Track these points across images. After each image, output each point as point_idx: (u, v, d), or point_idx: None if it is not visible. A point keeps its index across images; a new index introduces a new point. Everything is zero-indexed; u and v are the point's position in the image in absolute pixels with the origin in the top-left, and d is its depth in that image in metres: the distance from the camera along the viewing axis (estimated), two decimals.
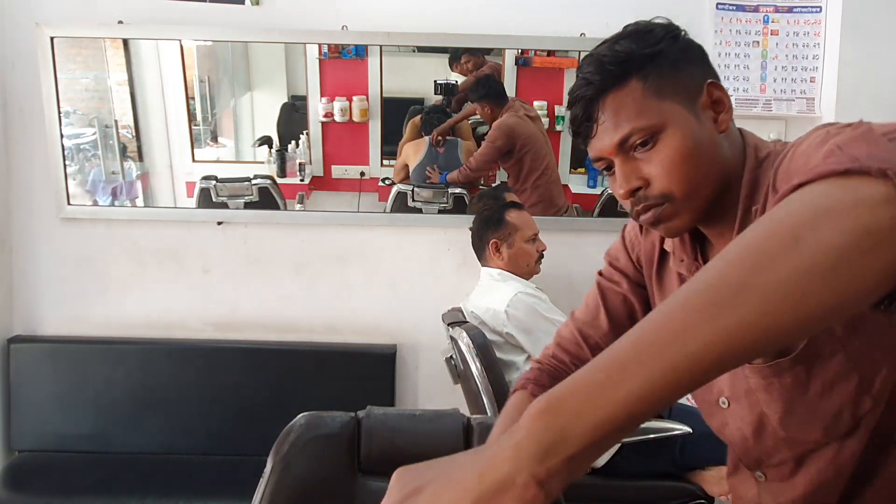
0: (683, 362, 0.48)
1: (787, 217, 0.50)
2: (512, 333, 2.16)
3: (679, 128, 0.87)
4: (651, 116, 0.86)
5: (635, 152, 0.88)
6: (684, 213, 0.88)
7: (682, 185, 0.87)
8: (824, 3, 2.40)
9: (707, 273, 0.51)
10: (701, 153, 0.87)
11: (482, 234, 2.32)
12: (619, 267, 1.12)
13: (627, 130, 0.87)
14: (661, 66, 0.88)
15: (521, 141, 2.65)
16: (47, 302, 2.62)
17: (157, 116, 2.78)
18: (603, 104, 0.88)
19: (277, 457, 1.22)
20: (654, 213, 0.89)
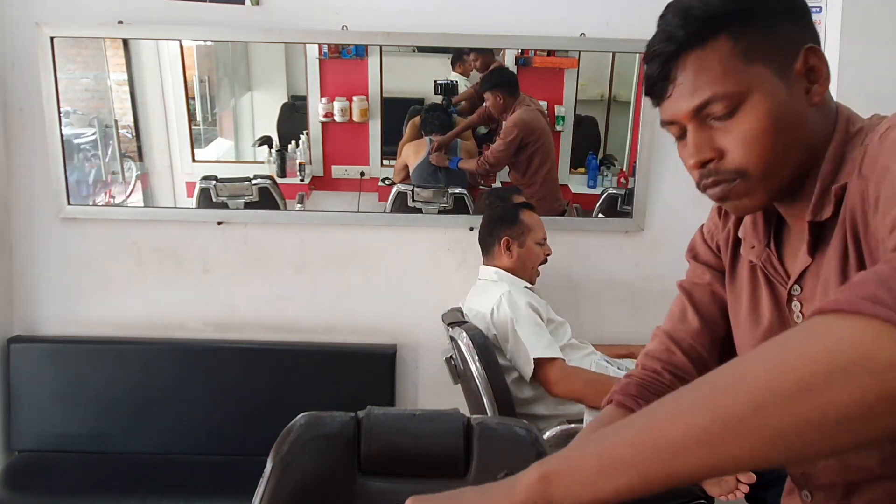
0: (672, 475, 0.52)
1: (808, 357, 0.48)
2: (497, 335, 2.17)
3: (765, 97, 0.77)
4: (735, 82, 0.77)
5: (712, 120, 0.79)
6: (758, 191, 0.80)
7: (760, 161, 0.78)
8: (824, 3, 2.40)
9: (712, 391, 0.52)
10: (785, 128, 0.78)
11: (493, 229, 2.32)
12: (701, 260, 1.03)
13: (707, 96, 0.77)
14: (756, 24, 0.77)
15: (535, 135, 2.65)
16: (47, 302, 2.62)
17: (157, 116, 2.78)
18: (683, 63, 0.78)
19: (277, 457, 1.22)
20: (724, 189, 0.80)
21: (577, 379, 2.09)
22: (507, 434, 1.28)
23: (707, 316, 1.01)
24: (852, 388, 0.46)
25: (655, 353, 1.03)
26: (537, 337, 2.11)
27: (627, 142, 2.73)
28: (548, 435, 2.05)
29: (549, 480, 0.57)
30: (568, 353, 2.26)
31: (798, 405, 0.47)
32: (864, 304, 0.48)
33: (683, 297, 1.04)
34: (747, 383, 0.49)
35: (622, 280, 2.64)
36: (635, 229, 2.60)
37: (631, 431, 0.55)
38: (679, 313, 1.03)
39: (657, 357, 1.03)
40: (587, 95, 2.74)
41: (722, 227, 0.99)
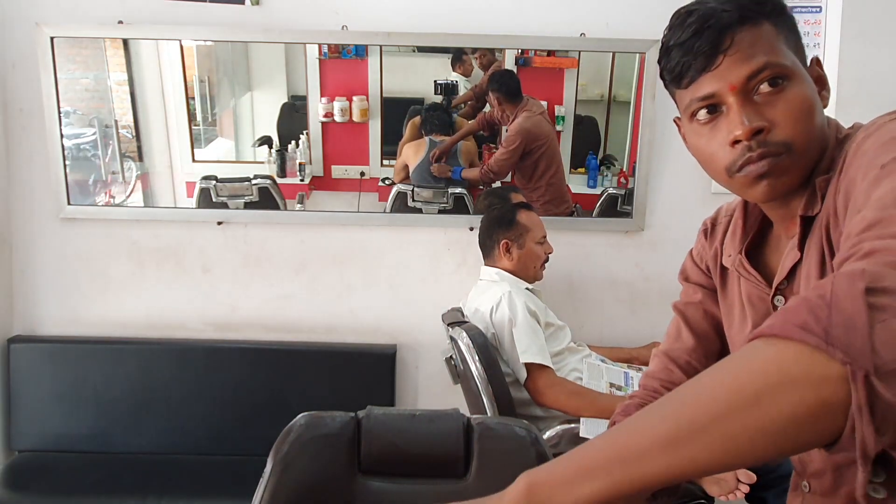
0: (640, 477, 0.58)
1: (754, 375, 0.56)
2: (495, 334, 2.18)
3: (805, 80, 0.84)
4: (786, 58, 0.82)
5: (757, 95, 0.82)
6: (797, 169, 0.83)
7: (805, 136, 0.82)
8: (824, 3, 2.40)
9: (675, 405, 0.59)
10: (817, 113, 0.84)
11: (492, 232, 2.32)
12: (692, 280, 1.09)
13: (763, 62, 0.81)
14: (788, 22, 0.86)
15: (539, 141, 2.65)
16: (47, 302, 2.62)
17: (157, 116, 2.78)
18: (737, 34, 0.82)
19: (277, 457, 1.22)
20: (771, 163, 0.82)
21: (562, 390, 2.10)
22: (507, 434, 1.28)
23: (700, 333, 1.07)
24: (787, 403, 0.54)
25: (655, 373, 1.09)
26: (530, 340, 2.12)
27: (627, 142, 2.73)
28: (548, 435, 2.05)
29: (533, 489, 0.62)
30: (566, 357, 2.26)
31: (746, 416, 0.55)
32: (795, 330, 0.55)
33: (678, 317, 1.10)
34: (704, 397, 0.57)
35: (622, 280, 2.64)
36: (635, 229, 2.60)
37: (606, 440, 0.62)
38: (675, 333, 1.10)
39: (656, 377, 1.08)
40: (587, 95, 2.74)
41: (709, 246, 1.05)
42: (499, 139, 2.74)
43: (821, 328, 0.54)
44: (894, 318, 0.54)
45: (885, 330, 0.53)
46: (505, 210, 2.34)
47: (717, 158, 0.85)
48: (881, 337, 0.53)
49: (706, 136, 0.86)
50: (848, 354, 0.53)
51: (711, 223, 1.06)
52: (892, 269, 0.57)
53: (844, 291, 0.56)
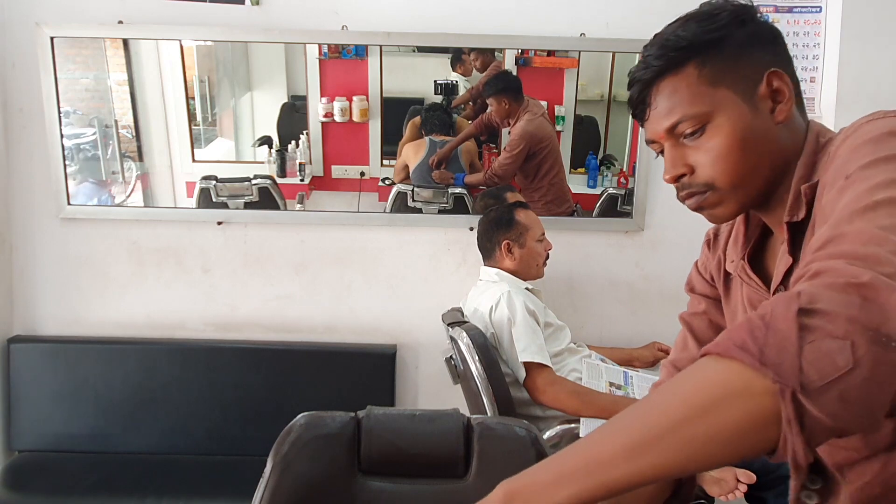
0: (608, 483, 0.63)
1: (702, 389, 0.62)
2: (494, 334, 2.18)
3: (729, 118, 0.86)
4: (702, 104, 0.86)
5: (684, 139, 0.88)
6: (728, 201, 0.89)
7: (727, 176, 0.87)
8: (824, 3, 2.40)
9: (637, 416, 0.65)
10: (750, 145, 0.86)
11: (492, 234, 2.32)
12: (698, 291, 1.12)
13: (677, 118, 0.87)
14: (722, 52, 0.87)
15: (542, 144, 2.65)
16: (47, 302, 2.62)
17: (157, 116, 2.78)
18: (657, 88, 0.89)
19: (277, 457, 1.22)
20: (697, 201, 0.90)
21: (562, 389, 2.10)
22: (507, 434, 1.28)
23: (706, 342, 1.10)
24: (731, 414, 0.60)
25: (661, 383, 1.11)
26: (529, 339, 2.12)
27: (627, 142, 2.73)
28: (548, 435, 2.05)
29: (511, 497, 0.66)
30: (566, 357, 2.26)
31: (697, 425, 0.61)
32: (735, 350, 0.61)
33: (684, 328, 1.13)
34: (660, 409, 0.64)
35: (622, 280, 2.64)
36: (635, 229, 2.60)
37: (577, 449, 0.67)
38: (681, 343, 1.13)
39: None
40: (587, 95, 2.74)
41: (712, 256, 1.08)
42: (499, 139, 2.74)
43: (757, 348, 0.60)
44: (823, 339, 0.58)
45: (812, 350, 0.58)
46: (502, 211, 2.34)
47: None
48: (808, 357, 0.58)
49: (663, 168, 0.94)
50: (778, 373, 0.58)
51: (714, 234, 1.09)
52: (828, 291, 0.61)
53: (781, 313, 0.61)
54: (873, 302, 0.59)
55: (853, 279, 0.60)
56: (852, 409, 0.58)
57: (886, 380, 0.58)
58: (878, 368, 0.57)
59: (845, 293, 0.60)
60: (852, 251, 0.64)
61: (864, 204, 0.68)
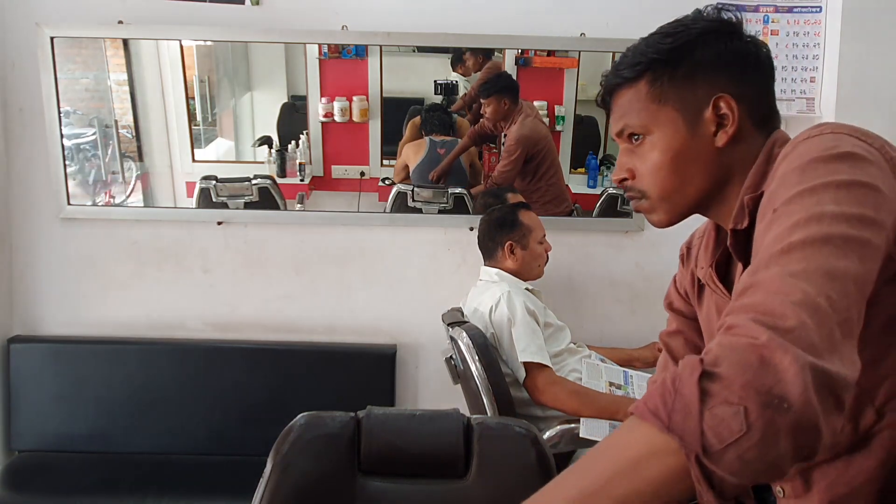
0: None
1: (628, 449, 0.69)
2: (494, 334, 2.18)
3: (664, 136, 0.92)
4: (644, 118, 0.92)
5: (633, 146, 0.95)
6: (659, 210, 0.96)
7: (657, 188, 0.94)
8: (824, 3, 2.40)
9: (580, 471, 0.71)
10: (682, 164, 0.92)
11: (495, 235, 2.32)
12: (675, 308, 1.16)
13: (620, 126, 0.95)
14: (675, 71, 0.91)
15: (539, 146, 2.65)
16: (47, 302, 2.62)
17: (157, 116, 2.78)
18: (615, 97, 0.96)
19: (277, 457, 1.22)
20: (635, 204, 0.98)
21: (562, 389, 2.10)
22: (507, 434, 1.28)
23: None
24: (656, 469, 0.66)
25: None
26: (529, 339, 2.12)
27: None
28: (548, 435, 2.05)
29: None
30: (566, 358, 2.26)
31: (628, 479, 0.66)
32: (648, 415, 0.67)
33: (663, 350, 1.17)
34: (595, 468, 0.69)
35: (622, 280, 2.64)
36: (635, 229, 2.60)
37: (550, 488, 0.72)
38: (662, 364, 1.17)
39: None
40: (587, 95, 2.74)
41: (686, 271, 1.12)
42: (498, 140, 2.74)
43: (665, 413, 0.66)
44: (720, 404, 0.63)
45: (711, 416, 0.63)
46: (505, 211, 2.34)
47: None
48: (708, 422, 0.63)
49: None
50: (683, 438, 0.64)
51: (686, 248, 1.13)
52: (730, 352, 0.65)
53: (686, 378, 0.66)
54: (768, 364, 0.63)
55: (753, 340, 0.65)
56: (753, 467, 0.63)
57: (780, 439, 0.62)
58: (769, 430, 0.62)
59: (744, 354, 0.65)
60: (761, 304, 0.68)
61: (780, 247, 0.71)
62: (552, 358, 2.17)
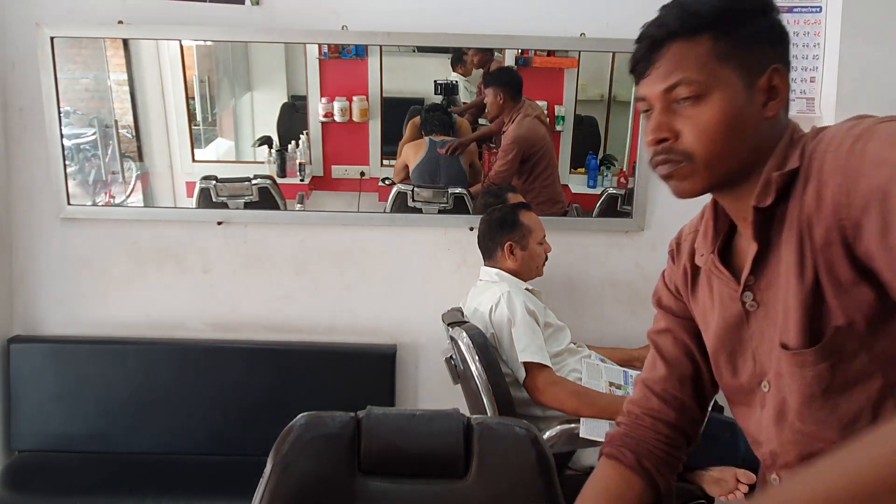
0: None
1: None
2: (494, 334, 2.18)
3: (725, 96, 0.87)
4: (705, 75, 0.87)
5: (677, 105, 0.89)
6: (699, 176, 0.90)
7: (707, 151, 0.88)
8: (824, 3, 2.40)
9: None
10: (736, 128, 0.88)
11: (495, 235, 2.32)
12: (664, 305, 1.15)
13: (677, 79, 0.87)
14: (739, 32, 0.88)
15: (536, 146, 2.65)
16: (47, 302, 2.62)
17: (157, 116, 2.78)
18: (667, 49, 0.89)
19: (277, 457, 1.22)
20: (670, 168, 0.90)
21: (562, 389, 2.10)
22: (507, 434, 1.28)
23: (671, 360, 1.13)
24: None
25: (636, 400, 1.16)
26: (529, 339, 2.12)
27: (627, 142, 2.73)
28: (548, 435, 2.05)
29: None
30: (566, 358, 2.26)
31: None
32: None
33: (652, 347, 1.16)
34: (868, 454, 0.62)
35: (622, 280, 2.64)
36: (635, 229, 2.60)
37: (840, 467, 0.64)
38: (651, 362, 1.16)
39: (637, 404, 1.15)
40: (587, 95, 2.74)
41: (677, 268, 1.11)
42: (496, 139, 2.74)
43: None
44: None
45: None
46: (506, 212, 2.34)
47: (648, 150, 0.93)
48: None
49: (644, 128, 0.95)
50: None
51: (676, 244, 1.12)
52: None
53: None
54: None
55: None
56: None
57: None
58: None
59: None
60: None
61: None
62: (552, 358, 2.17)
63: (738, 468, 1.95)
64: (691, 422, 1.13)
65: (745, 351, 0.99)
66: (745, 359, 0.99)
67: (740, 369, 1.01)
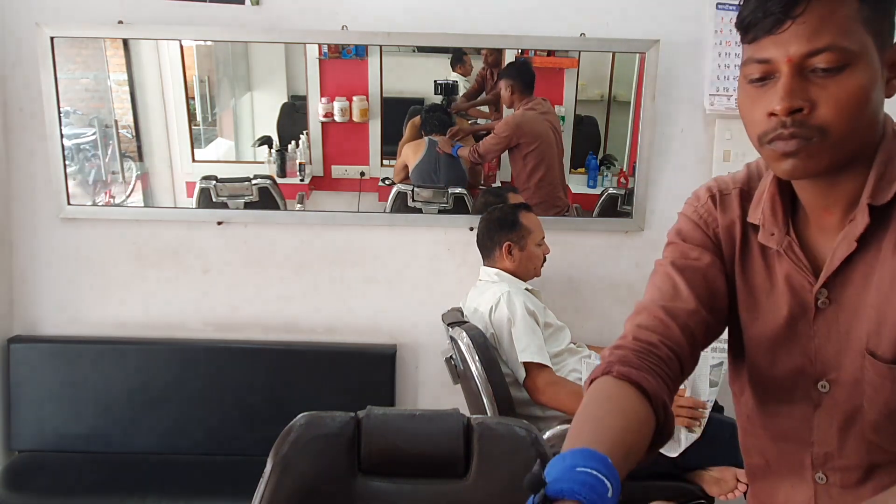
0: None
1: None
2: (494, 334, 2.18)
3: (868, 67, 0.78)
4: (853, 41, 0.77)
5: (813, 73, 0.78)
6: (826, 155, 0.80)
7: (845, 126, 0.78)
8: None
9: None
10: (871, 103, 0.80)
11: (494, 234, 2.32)
12: (696, 242, 0.99)
13: (825, 44, 0.77)
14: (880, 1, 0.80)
15: (527, 138, 2.65)
16: (47, 302, 2.62)
17: (157, 116, 2.78)
18: (812, 3, 0.77)
19: (277, 457, 1.22)
20: (799, 144, 0.79)
21: (562, 389, 2.10)
22: (507, 434, 1.28)
23: (701, 296, 0.96)
24: None
25: (650, 326, 0.95)
26: (529, 339, 2.12)
27: (627, 142, 2.73)
28: (548, 435, 2.05)
29: None
30: (566, 358, 2.26)
31: None
32: None
33: (675, 275, 0.98)
34: None
35: (622, 280, 2.64)
36: (635, 229, 2.60)
37: None
38: (671, 290, 0.97)
39: (653, 330, 0.94)
40: (587, 95, 2.74)
41: (721, 216, 0.97)
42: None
43: None
44: None
45: None
46: (506, 211, 2.34)
47: (755, 123, 0.83)
48: None
49: (752, 98, 0.83)
50: None
51: (720, 192, 0.99)
52: None
53: None
54: None
55: None
56: None
57: None
58: None
59: None
60: None
61: None
62: (552, 358, 2.17)
63: (738, 468, 1.95)
64: (691, 367, 0.96)
65: (794, 345, 0.92)
66: (790, 352, 0.92)
67: (780, 360, 0.93)
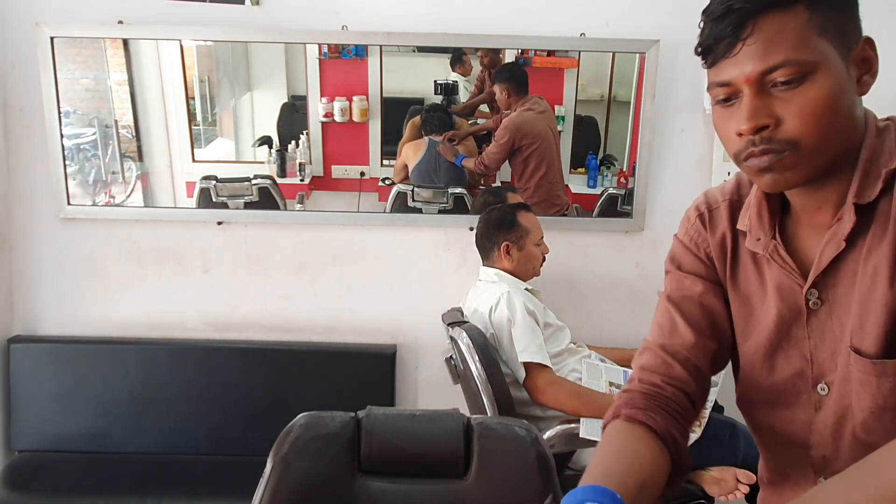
0: None
1: None
2: (493, 334, 2.18)
3: (830, 73, 0.78)
4: (808, 52, 0.77)
5: (774, 88, 0.79)
6: (803, 166, 0.80)
7: (815, 136, 0.78)
8: None
9: None
10: (842, 107, 0.79)
11: (492, 234, 2.32)
12: (688, 270, 1.01)
13: (779, 60, 0.77)
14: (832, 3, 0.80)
15: (528, 139, 2.64)
16: (47, 302, 2.62)
17: (157, 116, 2.78)
18: (761, 23, 0.77)
19: (277, 457, 1.22)
20: (772, 160, 0.80)
21: (562, 389, 2.10)
22: (507, 434, 1.28)
23: (698, 329, 0.98)
24: None
25: (652, 367, 0.98)
26: (529, 339, 2.12)
27: (627, 142, 2.73)
28: (548, 435, 2.05)
29: None
30: (566, 358, 2.26)
31: None
32: None
33: (672, 310, 1.00)
34: None
35: (622, 280, 2.64)
36: (635, 229, 2.60)
37: None
38: (669, 326, 1.00)
39: (655, 371, 0.98)
40: (587, 95, 2.74)
41: (710, 235, 0.99)
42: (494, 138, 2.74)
43: None
44: None
45: None
46: (504, 211, 2.34)
47: (730, 142, 0.84)
48: None
49: (723, 118, 0.84)
50: None
51: (708, 209, 1.00)
52: None
53: None
54: None
55: None
56: None
57: None
58: None
59: None
60: None
61: None
62: (552, 358, 2.17)
63: (738, 468, 1.95)
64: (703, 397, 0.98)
65: (791, 348, 0.92)
66: (788, 357, 0.92)
67: (779, 366, 0.93)
